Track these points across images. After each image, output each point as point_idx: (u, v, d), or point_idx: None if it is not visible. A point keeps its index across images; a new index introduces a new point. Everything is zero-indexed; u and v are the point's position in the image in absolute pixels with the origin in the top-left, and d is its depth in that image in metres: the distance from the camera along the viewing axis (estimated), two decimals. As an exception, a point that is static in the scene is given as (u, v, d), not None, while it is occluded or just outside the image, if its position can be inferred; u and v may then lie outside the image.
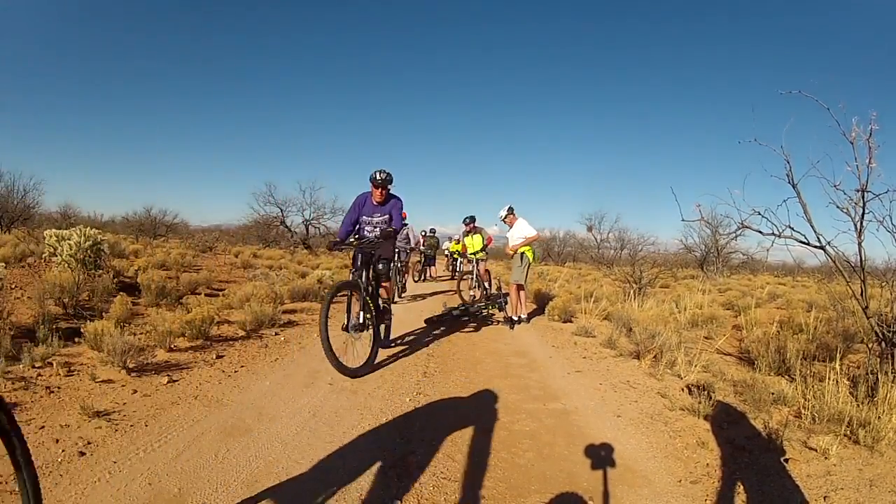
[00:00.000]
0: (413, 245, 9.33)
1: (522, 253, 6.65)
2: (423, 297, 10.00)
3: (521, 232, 6.67)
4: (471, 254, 8.48)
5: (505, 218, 6.80)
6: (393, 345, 5.03)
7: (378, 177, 4.52)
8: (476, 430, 2.94)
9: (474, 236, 8.63)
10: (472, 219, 8.71)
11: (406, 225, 9.06)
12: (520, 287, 6.80)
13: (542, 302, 8.72)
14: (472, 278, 8.77)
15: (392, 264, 8.18)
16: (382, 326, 4.72)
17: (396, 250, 8.40)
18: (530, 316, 7.38)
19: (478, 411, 3.27)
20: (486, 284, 8.72)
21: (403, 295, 9.34)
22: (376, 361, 4.25)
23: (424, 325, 6.25)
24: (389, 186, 4.61)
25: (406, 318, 6.77)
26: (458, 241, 17.44)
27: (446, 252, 16.11)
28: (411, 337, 5.61)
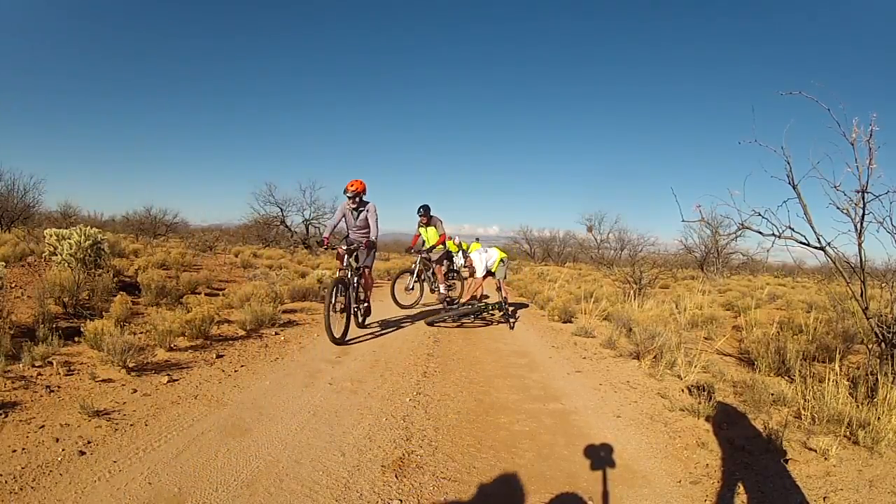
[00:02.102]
0: (373, 238, 5.48)
1: (500, 259, 7.34)
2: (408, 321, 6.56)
3: (482, 260, 7.33)
4: (426, 249, 7.63)
5: (465, 260, 7.79)
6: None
7: None
8: (476, 429, 2.94)
9: (429, 229, 7.67)
10: (427, 209, 7.61)
11: (367, 204, 5.57)
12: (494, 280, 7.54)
13: (541, 302, 8.72)
14: (411, 278, 7.66)
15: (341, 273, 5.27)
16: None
17: (348, 247, 5.31)
18: (516, 311, 7.53)
19: (478, 411, 3.27)
20: (443, 287, 7.77)
21: (368, 322, 6.01)
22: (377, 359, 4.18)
23: (425, 325, 6.25)
24: None
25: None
26: (452, 240, 17.37)
27: None
28: (410, 341, 5.61)
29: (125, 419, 2.72)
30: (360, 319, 5.77)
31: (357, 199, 5.52)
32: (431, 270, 7.91)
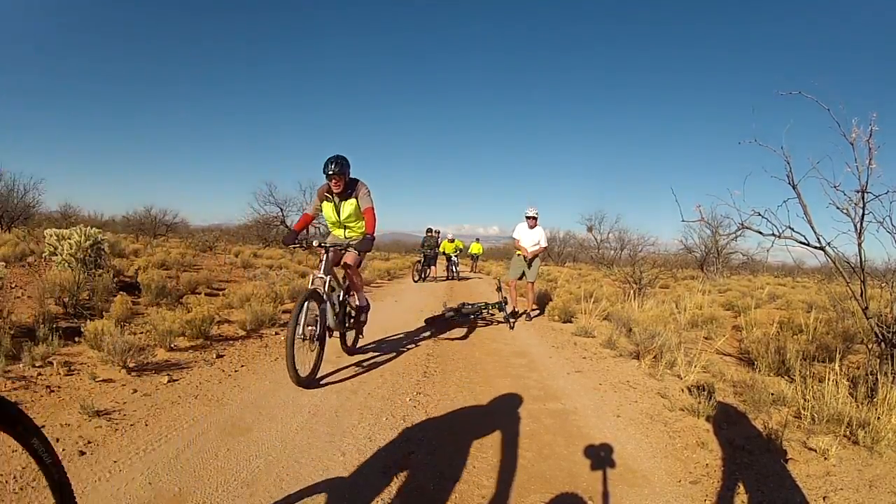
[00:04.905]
0: None
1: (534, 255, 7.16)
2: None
3: (538, 238, 7.15)
4: (339, 232, 4.20)
5: (530, 218, 7.18)
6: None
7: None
8: (476, 429, 2.94)
9: (344, 203, 3.97)
10: (343, 164, 3.79)
11: None
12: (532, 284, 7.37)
13: (541, 302, 8.71)
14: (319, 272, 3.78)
15: None
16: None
17: None
18: (515, 311, 7.47)
19: (477, 411, 3.27)
20: (358, 298, 4.40)
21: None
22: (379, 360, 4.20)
23: (424, 324, 6.25)
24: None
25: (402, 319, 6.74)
26: (451, 241, 17.28)
27: (442, 252, 16.08)
28: (411, 337, 5.61)
29: (125, 419, 2.72)
30: None
31: None
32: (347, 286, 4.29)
